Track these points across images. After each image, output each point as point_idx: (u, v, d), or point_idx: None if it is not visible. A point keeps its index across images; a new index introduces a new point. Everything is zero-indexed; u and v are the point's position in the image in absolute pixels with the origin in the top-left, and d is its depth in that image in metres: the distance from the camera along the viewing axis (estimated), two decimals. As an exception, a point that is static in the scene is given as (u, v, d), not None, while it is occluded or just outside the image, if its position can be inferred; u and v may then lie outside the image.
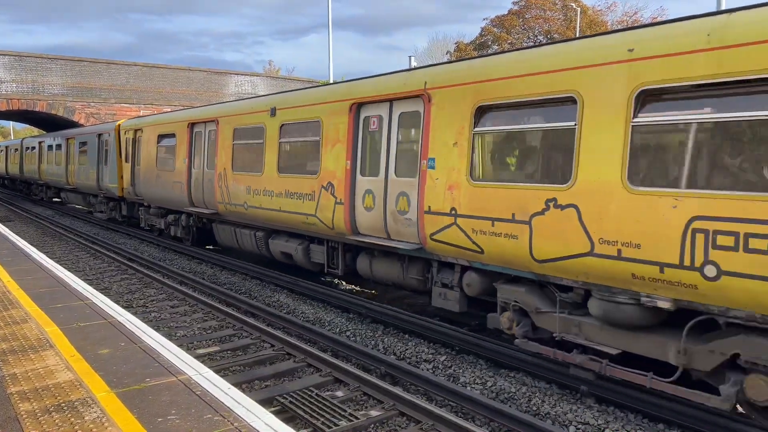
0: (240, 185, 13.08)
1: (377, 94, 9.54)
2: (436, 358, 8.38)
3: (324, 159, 10.55)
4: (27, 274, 9.58)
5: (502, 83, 7.42)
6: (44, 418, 4.34)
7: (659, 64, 5.84)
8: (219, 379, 5.06)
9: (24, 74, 31.05)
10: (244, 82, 36.04)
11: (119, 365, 5.42)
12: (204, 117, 14.91)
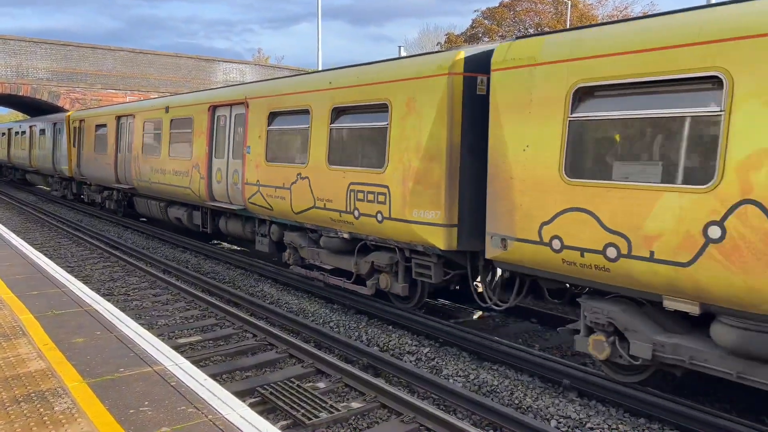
0: (147, 166, 16.92)
1: (224, 100, 13.51)
2: (419, 350, 8.32)
3: (195, 146, 14.35)
4: (4, 261, 9.39)
5: (281, 98, 11.51)
6: (12, 408, 4.21)
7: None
8: (195, 370, 4.95)
9: (8, 57, 30.52)
10: (233, 70, 35.65)
11: (93, 355, 5.29)
12: (125, 112, 19.09)
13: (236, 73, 35.93)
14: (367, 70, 9.56)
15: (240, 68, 36.40)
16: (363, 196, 9.30)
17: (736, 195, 5.19)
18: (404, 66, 8.89)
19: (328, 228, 10.24)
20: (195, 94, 15.87)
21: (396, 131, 8.76)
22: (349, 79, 9.78)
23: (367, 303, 10.04)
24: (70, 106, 31.44)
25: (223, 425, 3.95)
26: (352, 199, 9.47)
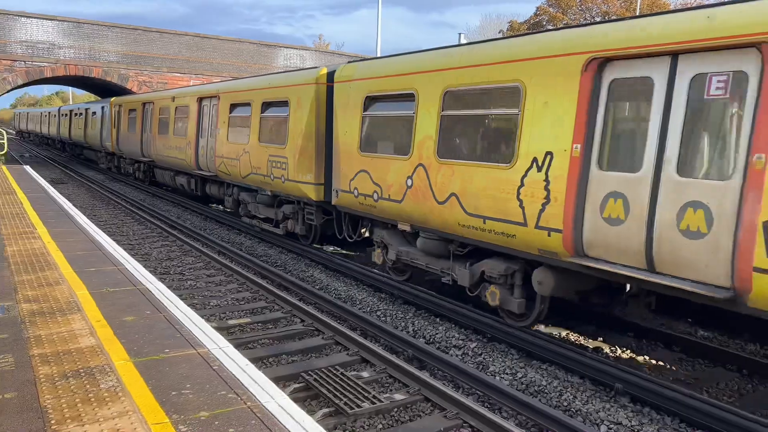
0: (161, 143, 20.99)
1: (200, 94, 17.96)
2: (466, 344, 8.15)
3: (189, 128, 18.48)
4: (68, 237, 9.76)
5: (235, 94, 16.03)
6: (61, 383, 4.33)
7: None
8: (238, 354, 4.97)
9: (82, 41, 31.72)
10: (293, 55, 35.95)
11: (142, 334, 5.39)
12: (148, 99, 23.05)
13: (297, 58, 36.22)
14: (273, 78, 13.93)
15: (300, 54, 36.67)
16: (276, 164, 13.29)
17: (416, 161, 9.14)
18: (295, 75, 12.91)
19: (261, 188, 14.30)
20: (187, 88, 21.03)
21: (291, 120, 12.66)
22: (261, 81, 14.46)
23: (415, 294, 9.93)
24: (137, 89, 32.48)
25: (260, 413, 3.94)
26: (270, 167, 13.52)
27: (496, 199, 7.82)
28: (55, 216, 11.88)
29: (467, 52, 8.54)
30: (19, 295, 6.47)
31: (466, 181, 8.30)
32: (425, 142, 9.02)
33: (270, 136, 13.74)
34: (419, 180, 9.14)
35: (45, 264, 7.84)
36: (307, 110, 12.08)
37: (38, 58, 30.51)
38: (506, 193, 7.66)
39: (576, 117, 6.76)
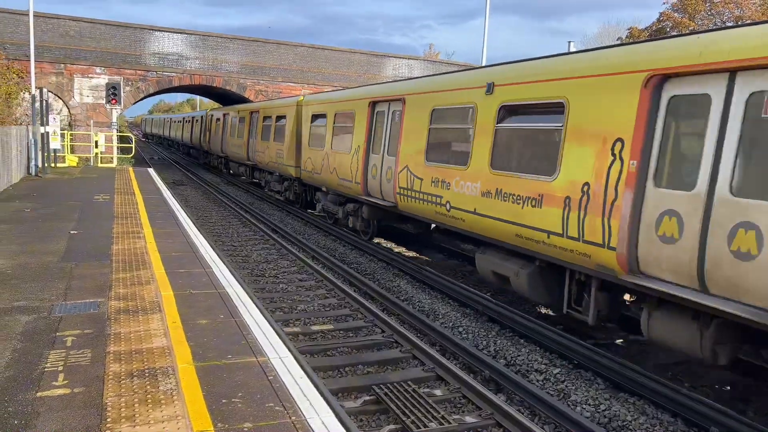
0: (263, 147, 24.46)
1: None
2: (548, 369, 7.70)
3: (277, 134, 22.68)
4: (168, 237, 10.35)
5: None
6: (125, 381, 4.52)
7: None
8: (295, 365, 4.97)
9: (206, 52, 33.88)
10: (402, 65, 36.26)
11: (210, 338, 5.55)
12: (248, 109, 27.74)
13: (405, 68, 36.51)
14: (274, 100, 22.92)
15: (409, 63, 36.93)
16: (276, 155, 21.66)
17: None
18: (289, 100, 21.23)
19: (272, 169, 22.80)
20: (287, 99, 25.50)
21: (288, 128, 20.43)
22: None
23: (499, 312, 9.55)
24: (254, 97, 34.18)
25: (302, 429, 3.88)
26: (275, 156, 21.86)
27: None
28: (163, 217, 12.67)
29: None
30: (112, 292, 6.91)
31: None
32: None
33: (274, 137, 22.62)
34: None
35: (141, 263, 8.34)
36: (290, 121, 20.71)
37: (168, 68, 32.92)
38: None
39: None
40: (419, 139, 11.63)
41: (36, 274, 7.64)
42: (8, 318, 5.95)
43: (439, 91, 11.24)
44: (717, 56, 5.79)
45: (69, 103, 30.28)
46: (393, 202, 12.70)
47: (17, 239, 9.79)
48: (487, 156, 9.36)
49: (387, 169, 12.95)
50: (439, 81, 11.91)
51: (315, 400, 4.33)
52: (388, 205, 12.94)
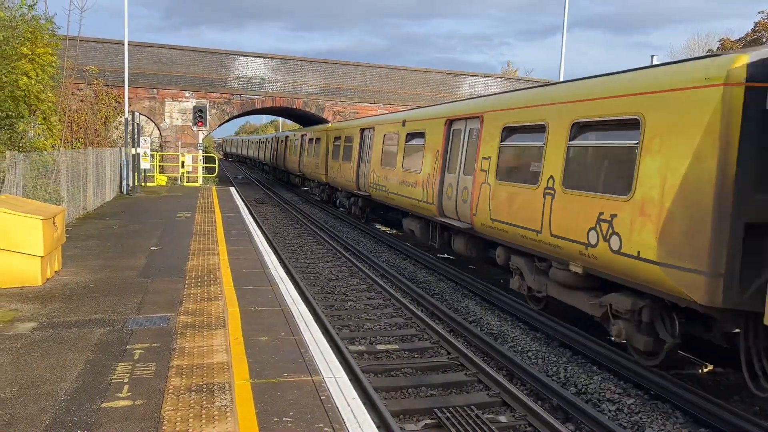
0: (337, 167, 24.63)
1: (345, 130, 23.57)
2: (622, 399, 7.27)
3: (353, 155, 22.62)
4: (240, 254, 10.66)
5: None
6: (183, 396, 4.64)
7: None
8: (348, 386, 4.93)
9: (287, 75, 35.04)
10: (478, 83, 36.04)
11: (269, 355, 5.61)
12: (310, 132, 30.83)
13: (481, 86, 36.25)
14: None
15: (486, 81, 36.64)
16: (346, 173, 22.91)
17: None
18: (354, 122, 22.73)
19: (342, 186, 24.14)
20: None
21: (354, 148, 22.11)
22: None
23: (571, 337, 9.15)
24: (332, 118, 34.94)
25: (350, 453, 3.82)
26: (346, 174, 23.04)
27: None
28: (237, 235, 13.09)
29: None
30: (182, 307, 7.16)
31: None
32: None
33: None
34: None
35: (212, 279, 8.61)
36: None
37: (251, 91, 34.25)
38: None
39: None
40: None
41: (115, 289, 8.04)
42: (85, 330, 6.28)
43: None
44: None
45: (160, 125, 32.09)
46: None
47: (103, 254, 10.37)
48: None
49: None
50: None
51: (365, 423, 4.27)
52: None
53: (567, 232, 8.53)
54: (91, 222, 14.43)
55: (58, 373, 5.09)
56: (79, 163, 15.15)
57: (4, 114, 11.39)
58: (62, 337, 6.04)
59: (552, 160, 9.12)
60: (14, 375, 5.02)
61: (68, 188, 13.93)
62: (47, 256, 8.21)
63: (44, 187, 12.09)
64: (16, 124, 12.07)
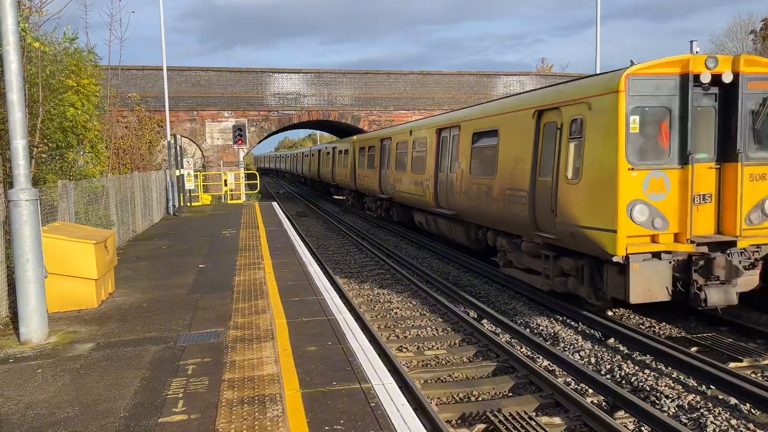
0: (363, 174, 27.55)
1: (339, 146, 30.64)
2: (682, 395, 7.04)
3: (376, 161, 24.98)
4: (284, 267, 10.80)
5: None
6: (236, 408, 4.72)
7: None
8: (397, 392, 4.93)
9: (321, 88, 35.46)
10: (513, 82, 35.70)
11: (317, 364, 5.66)
12: (336, 145, 35.13)
13: (517, 85, 35.91)
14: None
15: (520, 80, 36.28)
16: (370, 180, 25.44)
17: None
18: (373, 134, 25.48)
19: (368, 192, 26.10)
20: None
21: (375, 156, 24.45)
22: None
23: (624, 333, 8.92)
24: (368, 128, 35.16)
25: (402, 459, 3.81)
26: (371, 181, 25.06)
27: None
28: (281, 248, 13.27)
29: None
30: (231, 321, 7.29)
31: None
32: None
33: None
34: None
35: (259, 293, 8.75)
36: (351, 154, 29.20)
37: (287, 107, 34.79)
38: None
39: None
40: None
41: (166, 307, 8.26)
42: (140, 348, 6.46)
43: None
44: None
45: (202, 146, 32.87)
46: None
47: (153, 274, 10.67)
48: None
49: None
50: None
51: (415, 428, 4.26)
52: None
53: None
54: (141, 244, 14.86)
55: (116, 391, 5.25)
56: (126, 188, 15.65)
57: (54, 145, 11.86)
58: (118, 356, 6.23)
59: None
60: (75, 394, 5.20)
61: (117, 212, 14.40)
62: (101, 279, 8.50)
63: (95, 212, 12.52)
64: (66, 154, 12.56)
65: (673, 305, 9.63)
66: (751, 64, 9.08)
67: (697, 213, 9.00)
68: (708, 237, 9.05)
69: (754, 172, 9.05)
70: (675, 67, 8.95)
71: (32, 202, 6.72)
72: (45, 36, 11.95)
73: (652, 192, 8.84)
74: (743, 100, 8.98)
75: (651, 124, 8.96)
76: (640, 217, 8.74)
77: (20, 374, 5.76)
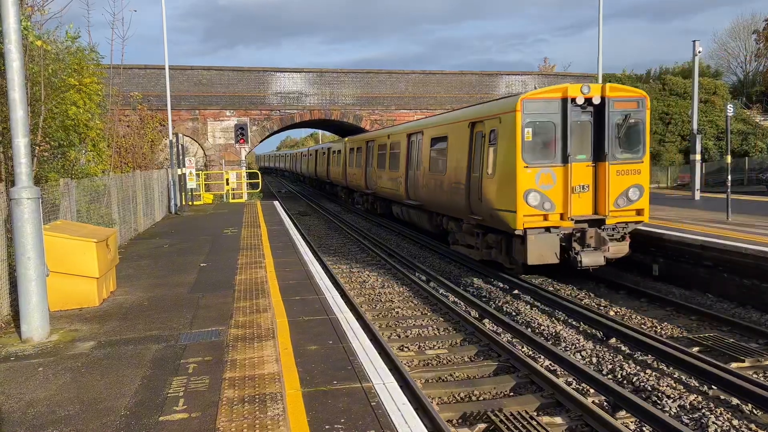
0: (353, 171, 30.41)
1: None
2: (683, 395, 7.03)
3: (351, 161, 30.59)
4: (286, 267, 10.79)
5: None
6: (237, 407, 4.71)
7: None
8: (398, 391, 4.92)
9: (323, 88, 35.44)
10: (515, 82, 35.65)
11: (318, 363, 5.66)
12: (326, 147, 39.33)
13: (519, 84, 35.86)
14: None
15: (523, 79, 36.23)
16: (357, 177, 28.53)
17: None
18: (357, 136, 29.43)
19: (356, 188, 29.10)
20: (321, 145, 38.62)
21: (362, 157, 27.37)
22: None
23: (626, 333, 8.92)
24: (369, 127, 35.14)
25: (402, 458, 3.81)
26: (358, 178, 28.25)
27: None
28: (283, 247, 13.26)
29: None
30: (232, 320, 7.29)
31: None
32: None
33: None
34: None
35: (261, 292, 8.75)
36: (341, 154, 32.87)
37: (289, 106, 34.77)
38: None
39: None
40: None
41: (168, 306, 8.25)
42: (141, 347, 6.46)
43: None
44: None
45: (204, 145, 32.88)
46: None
47: (155, 273, 10.67)
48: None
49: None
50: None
51: (416, 427, 4.25)
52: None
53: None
54: (143, 242, 14.87)
55: (117, 389, 5.25)
56: (128, 187, 15.65)
57: (56, 143, 11.86)
58: (120, 354, 6.23)
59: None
60: (77, 392, 5.20)
61: (119, 211, 14.39)
62: (102, 278, 8.50)
63: (97, 211, 12.52)
64: (68, 153, 12.55)
65: (562, 268, 12.84)
66: (615, 90, 12.20)
67: (578, 199, 12.03)
68: (584, 216, 12.03)
69: (619, 169, 12.09)
70: (558, 93, 11.95)
71: (34, 201, 6.72)
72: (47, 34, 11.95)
73: (543, 183, 11.83)
74: (610, 116, 12.00)
75: (540, 134, 11.94)
76: (533, 202, 11.76)
77: (21, 372, 5.76)
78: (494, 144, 12.81)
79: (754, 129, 35.98)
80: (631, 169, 12.22)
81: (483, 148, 13.35)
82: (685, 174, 31.32)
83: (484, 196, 13.04)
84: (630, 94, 12.45)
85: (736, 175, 27.75)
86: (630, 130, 12.24)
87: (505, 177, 12.23)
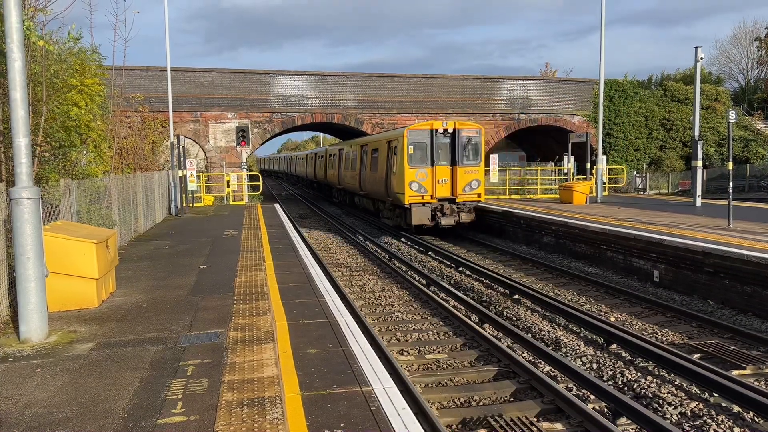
0: (345, 174, 33.78)
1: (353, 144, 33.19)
2: (684, 402, 7.00)
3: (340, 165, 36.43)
4: (286, 269, 10.76)
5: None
6: (236, 410, 4.68)
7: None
8: (398, 395, 4.88)
9: (325, 91, 35.43)
10: (516, 86, 35.63)
11: (318, 367, 5.62)
12: (320, 151, 45.49)
13: (520, 89, 35.85)
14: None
15: (524, 84, 36.23)
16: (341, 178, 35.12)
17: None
18: (346, 142, 34.85)
19: (347, 188, 33.06)
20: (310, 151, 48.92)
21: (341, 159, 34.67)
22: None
23: (625, 339, 8.88)
24: (371, 130, 35.14)
25: (402, 463, 3.77)
26: (345, 179, 33.61)
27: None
28: (283, 250, 13.23)
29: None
30: (231, 323, 7.26)
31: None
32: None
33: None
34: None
35: (261, 294, 8.72)
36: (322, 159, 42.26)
37: (291, 109, 34.76)
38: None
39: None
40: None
41: (167, 307, 8.22)
42: (140, 348, 6.43)
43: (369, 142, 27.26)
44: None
45: (205, 147, 32.86)
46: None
47: (154, 275, 10.64)
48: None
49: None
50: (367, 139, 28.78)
51: (416, 433, 4.22)
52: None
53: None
54: (143, 244, 14.84)
55: (115, 391, 5.22)
56: (129, 188, 15.63)
57: (57, 144, 11.84)
58: (118, 356, 6.19)
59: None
60: (74, 394, 5.17)
61: (120, 212, 14.37)
62: (102, 279, 8.47)
63: (97, 212, 12.50)
64: (69, 153, 12.53)
65: (434, 228, 21.01)
66: (463, 124, 21.03)
67: (441, 187, 20.59)
68: (444, 197, 20.67)
69: (465, 170, 20.64)
70: (428, 126, 20.77)
71: (34, 201, 6.70)
72: (49, 35, 11.95)
73: (420, 177, 20.42)
74: (460, 140, 20.61)
75: (419, 150, 20.53)
76: (414, 188, 20.35)
77: (19, 373, 5.73)
78: (396, 155, 21.25)
79: (755, 136, 36.02)
80: (473, 170, 20.75)
81: (393, 157, 21.76)
82: (686, 180, 31.32)
83: (391, 186, 21.74)
84: (472, 126, 21.09)
85: (737, 181, 27.75)
86: (471, 147, 20.76)
87: (400, 174, 20.78)
